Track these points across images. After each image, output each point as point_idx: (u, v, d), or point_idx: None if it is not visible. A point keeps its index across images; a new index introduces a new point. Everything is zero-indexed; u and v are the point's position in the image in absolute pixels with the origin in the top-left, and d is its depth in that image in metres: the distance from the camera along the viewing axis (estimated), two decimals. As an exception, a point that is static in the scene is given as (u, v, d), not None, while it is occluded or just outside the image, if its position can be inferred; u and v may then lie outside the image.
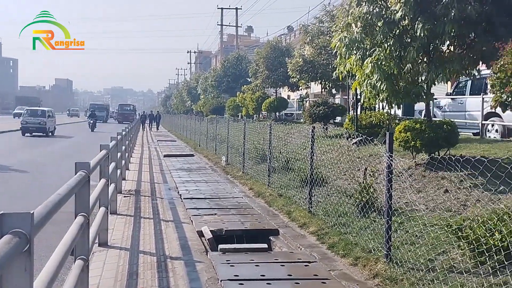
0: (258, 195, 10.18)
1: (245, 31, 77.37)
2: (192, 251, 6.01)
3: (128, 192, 10.23)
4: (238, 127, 15.90)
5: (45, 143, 24.68)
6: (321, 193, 8.47)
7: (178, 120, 43.94)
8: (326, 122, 16.07)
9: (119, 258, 5.68)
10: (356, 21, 8.29)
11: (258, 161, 12.70)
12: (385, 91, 8.09)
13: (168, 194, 10.39)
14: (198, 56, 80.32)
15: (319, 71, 18.32)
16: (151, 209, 8.69)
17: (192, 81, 50.84)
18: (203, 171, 14.57)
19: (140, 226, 7.34)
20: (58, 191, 3.07)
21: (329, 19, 17.81)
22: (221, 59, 39.81)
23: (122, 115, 66.26)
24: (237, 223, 7.66)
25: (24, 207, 4.23)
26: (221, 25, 45.60)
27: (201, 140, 24.00)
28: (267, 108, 24.86)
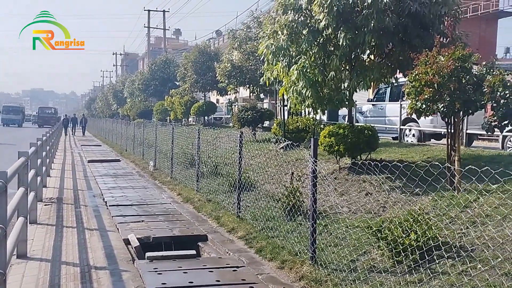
0: (187, 200, 10.12)
1: (173, 34, 76.51)
2: (118, 260, 5.86)
3: (49, 200, 9.79)
4: (166, 132, 15.71)
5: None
6: (250, 198, 8.57)
7: (103, 124, 42.56)
8: (255, 126, 16.29)
9: (40, 270, 5.43)
10: (282, 29, 8.49)
11: (186, 166, 12.61)
12: (310, 98, 8.35)
13: (93, 202, 10.06)
14: (125, 58, 78.40)
15: (247, 76, 18.52)
16: (74, 218, 8.37)
17: (118, 84, 49.53)
18: (129, 177, 14.24)
19: (63, 235, 7.05)
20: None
21: (257, 25, 18.08)
22: (149, 62, 39.10)
23: (43, 119, 63.16)
24: (165, 229, 7.57)
25: None
26: (148, 27, 44.78)
27: (128, 144, 23.44)
28: (196, 112, 24.77)
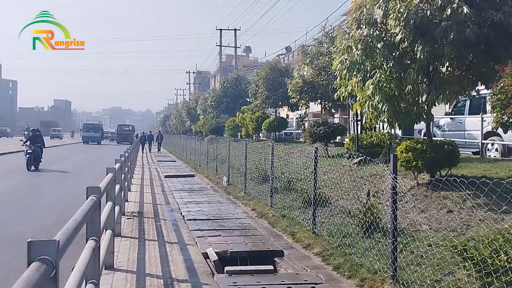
0: (261, 216, 10.22)
1: (244, 51, 77.99)
2: (198, 273, 6.03)
3: (131, 214, 10.25)
4: (239, 147, 15.99)
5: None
6: (325, 214, 8.51)
7: (177, 141, 44.04)
8: (327, 141, 16.18)
9: (126, 281, 5.70)
10: (356, 43, 8.42)
11: (259, 182, 12.75)
12: (387, 112, 8.20)
13: (171, 216, 10.42)
14: (197, 76, 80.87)
15: (319, 91, 18.50)
16: (155, 231, 8.71)
17: (191, 101, 51.10)
18: (204, 192, 14.61)
19: (145, 248, 7.36)
20: (74, 217, 3.13)
21: (328, 40, 18.06)
22: (220, 80, 40.10)
23: (121, 136, 66.26)
24: (241, 244, 7.69)
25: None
26: (219, 46, 46.04)
27: (202, 160, 24.07)
28: (267, 127, 25.01)
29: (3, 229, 8.56)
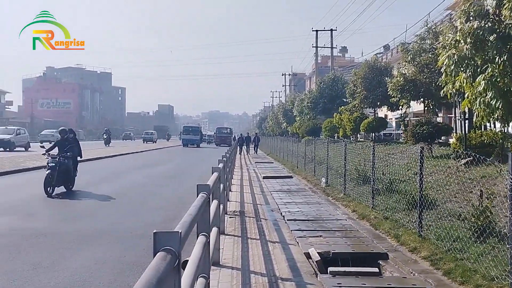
0: (362, 217, 10.00)
1: (340, 51, 76.97)
2: (302, 273, 6.03)
3: (233, 213, 10.53)
4: (338, 148, 15.79)
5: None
6: (431, 216, 8.12)
7: (274, 142, 44.54)
8: (431, 142, 15.45)
9: (232, 277, 5.86)
10: (465, 37, 7.98)
11: (359, 183, 12.48)
12: (500, 109, 7.65)
13: (271, 216, 10.54)
14: (293, 78, 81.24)
15: (421, 89, 17.70)
16: (257, 230, 8.86)
17: (288, 103, 51.43)
18: (303, 193, 14.62)
19: (248, 246, 7.51)
20: (188, 212, 3.28)
21: (431, 35, 17.23)
22: (316, 81, 39.90)
23: (220, 138, 68.44)
24: (343, 245, 7.58)
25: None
26: (316, 47, 45.82)
27: (299, 161, 24.12)
28: (366, 128, 24.44)
29: (119, 225, 9.19)
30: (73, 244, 7.52)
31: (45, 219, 9.57)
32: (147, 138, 72.42)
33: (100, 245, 7.53)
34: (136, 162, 28.34)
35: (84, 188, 15.04)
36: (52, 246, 7.35)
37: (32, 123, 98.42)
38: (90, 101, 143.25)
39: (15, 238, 7.79)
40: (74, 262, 6.47)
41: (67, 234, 8.16)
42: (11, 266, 6.15)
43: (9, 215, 9.87)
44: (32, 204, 11.61)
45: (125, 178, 19.08)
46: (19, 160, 23.34)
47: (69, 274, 5.88)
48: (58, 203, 11.93)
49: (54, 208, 10.99)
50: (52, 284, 5.46)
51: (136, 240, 7.94)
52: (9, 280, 5.54)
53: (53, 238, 7.84)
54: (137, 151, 41.02)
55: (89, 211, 10.76)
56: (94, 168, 23.51)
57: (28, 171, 20.04)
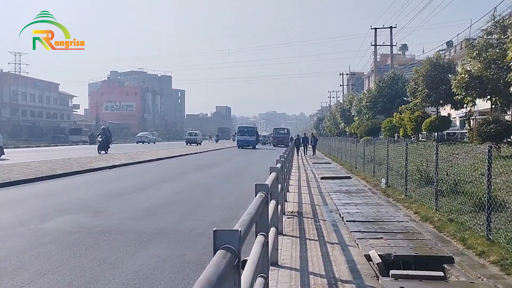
0: (425, 219, 9.65)
1: (399, 49, 74.98)
2: (362, 275, 5.89)
3: (291, 214, 10.48)
4: (398, 148, 15.36)
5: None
6: (500, 219, 7.71)
7: (331, 143, 44.05)
8: (499, 141, 14.70)
9: (291, 278, 5.81)
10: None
11: (422, 184, 12.07)
12: None
13: (330, 216, 10.40)
14: (350, 78, 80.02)
15: (488, 86, 16.89)
16: (315, 231, 8.77)
17: (345, 103, 50.70)
18: (362, 194, 14.33)
19: (307, 247, 7.44)
20: (247, 211, 3.27)
21: (499, 30, 16.40)
22: (375, 80, 39.03)
23: (277, 139, 68.53)
24: (405, 248, 7.34)
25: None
26: (374, 45, 44.81)
27: (357, 162, 23.69)
28: (428, 127, 23.63)
29: (179, 224, 9.38)
30: (136, 241, 7.75)
31: (109, 217, 9.92)
32: (191, 140, 65.46)
33: (162, 243, 7.71)
34: (194, 163, 28.93)
35: (147, 188, 15.52)
36: (116, 243, 7.61)
37: (98, 126, 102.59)
38: (151, 103, 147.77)
39: (82, 235, 8.12)
40: (137, 259, 6.66)
41: (130, 232, 8.42)
42: (79, 262, 6.41)
43: (76, 213, 10.32)
44: (98, 202, 12.08)
45: (185, 178, 19.50)
46: (86, 161, 24.41)
47: (132, 270, 6.06)
48: (122, 202, 12.35)
49: (118, 207, 11.38)
50: (117, 280, 5.64)
51: (195, 239, 8.07)
52: (77, 276, 5.78)
53: (118, 236, 8.11)
54: (197, 152, 41.91)
55: (151, 210, 11.05)
56: (156, 167, 24.23)
57: (94, 172, 20.94)
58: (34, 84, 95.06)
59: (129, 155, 32.22)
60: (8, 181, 15.40)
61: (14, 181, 15.65)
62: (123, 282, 5.58)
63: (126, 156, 30.34)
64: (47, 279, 5.63)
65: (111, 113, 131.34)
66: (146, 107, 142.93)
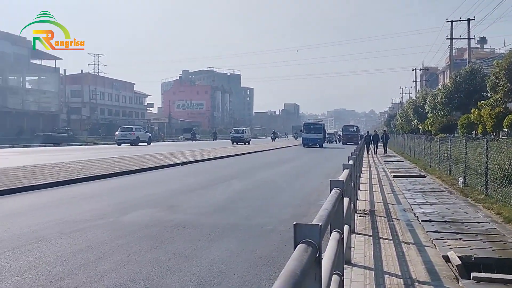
0: (509, 221, 9.08)
1: (477, 42, 71.28)
2: (441, 276, 5.64)
3: (362, 212, 10.25)
4: (477, 146, 14.59)
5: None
6: None
7: (403, 140, 42.69)
8: None
9: (365, 277, 5.68)
10: None
11: (504, 183, 11.37)
12: None
13: (404, 216, 10.06)
14: (424, 73, 77.18)
15: None
16: (389, 230, 8.52)
17: (418, 99, 48.95)
18: (437, 193, 13.75)
19: (380, 246, 7.24)
20: (324, 206, 3.21)
21: None
22: (451, 75, 37.33)
23: (346, 136, 67.49)
24: (486, 250, 6.94)
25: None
26: (450, 38, 42.90)
27: (432, 160, 22.79)
28: (510, 124, 22.28)
29: (250, 220, 9.46)
30: (209, 236, 7.90)
31: (183, 212, 10.19)
32: (237, 138, 56.63)
33: (234, 238, 7.81)
34: (262, 160, 29.17)
35: (217, 184, 15.82)
36: (190, 237, 7.80)
37: (170, 124, 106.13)
38: (220, 101, 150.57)
39: (157, 228, 8.40)
40: (211, 253, 6.78)
41: (203, 227, 8.60)
42: (155, 254, 6.63)
43: (152, 208, 10.69)
44: (171, 197, 12.46)
45: (253, 175, 19.68)
46: (160, 158, 25.27)
47: (206, 264, 6.18)
48: (194, 197, 12.66)
49: (190, 202, 11.67)
50: (192, 273, 5.77)
51: (266, 235, 8.10)
52: (154, 268, 5.97)
53: (191, 230, 8.31)
54: (265, 149, 42.21)
55: (222, 206, 11.24)
56: (226, 164, 24.66)
57: (168, 168, 21.65)
58: (112, 84, 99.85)
59: (200, 152, 32.99)
60: (89, 176, 16.26)
61: (93, 176, 16.49)
62: (197, 275, 5.70)
63: (197, 153, 31.10)
64: (126, 269, 5.87)
65: (182, 111, 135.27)
66: (216, 105, 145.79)
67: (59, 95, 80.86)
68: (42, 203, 11.45)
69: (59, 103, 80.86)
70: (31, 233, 7.83)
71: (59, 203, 11.53)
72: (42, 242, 7.20)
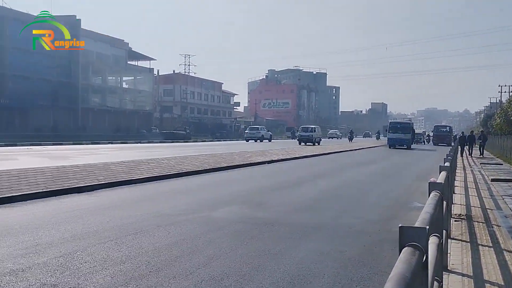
0: None
1: None
2: (549, 289, 5.22)
3: (458, 216, 9.74)
4: None
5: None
6: None
7: (503, 142, 39.94)
8: None
9: (463, 284, 5.39)
10: None
11: None
12: None
13: (505, 222, 9.40)
14: (526, 70, 71.61)
15: None
16: (488, 237, 8.01)
17: (521, 98, 45.51)
18: (543, 199, 12.70)
19: (479, 253, 6.83)
20: (425, 209, 3.10)
21: None
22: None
23: (438, 137, 64.60)
24: None
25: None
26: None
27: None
28: None
29: (337, 220, 9.36)
30: (297, 234, 7.91)
31: (270, 210, 10.30)
32: (304, 138, 51.48)
33: (321, 238, 7.76)
34: (348, 160, 28.72)
35: (302, 183, 15.82)
36: (278, 235, 7.86)
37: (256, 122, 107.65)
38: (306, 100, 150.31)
39: (246, 225, 8.55)
40: (299, 252, 6.79)
41: (290, 225, 8.63)
42: (245, 250, 6.76)
43: (240, 204, 10.91)
44: (258, 195, 12.64)
45: (340, 175, 19.45)
46: (247, 156, 25.74)
47: (295, 262, 6.20)
48: (280, 195, 12.74)
49: (277, 200, 11.76)
50: (281, 270, 5.82)
51: (355, 236, 7.96)
52: (245, 263, 6.09)
53: (279, 228, 8.37)
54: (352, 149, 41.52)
55: (308, 205, 11.21)
56: (311, 163, 24.58)
57: (254, 166, 22.00)
58: (201, 84, 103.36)
59: (286, 150, 33.17)
60: (181, 172, 16.94)
61: (185, 172, 17.15)
62: (287, 273, 5.74)
63: (283, 152, 31.29)
64: (218, 263, 6.04)
65: (268, 110, 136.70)
66: (301, 104, 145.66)
67: (153, 95, 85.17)
68: (139, 196, 12.11)
69: (152, 102, 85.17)
70: (130, 224, 8.31)
71: (154, 197, 12.13)
72: (140, 233, 7.62)
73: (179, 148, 37.16)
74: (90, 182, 13.06)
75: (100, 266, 5.78)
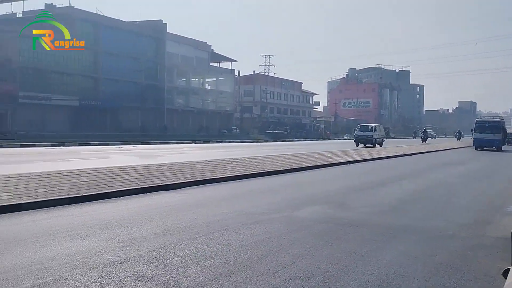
0: None
1: None
2: None
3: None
4: None
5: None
6: None
7: None
8: None
9: None
10: None
11: None
12: None
13: None
14: None
15: None
16: None
17: None
18: None
19: None
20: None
21: None
22: None
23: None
24: None
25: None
26: None
27: None
28: None
29: (424, 223, 9.05)
30: (382, 236, 7.74)
31: (353, 210, 10.16)
32: (361, 138, 44.25)
33: (408, 241, 7.53)
34: (434, 161, 27.60)
35: (386, 184, 15.43)
36: (363, 236, 7.74)
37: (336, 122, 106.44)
38: (388, 99, 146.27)
39: (330, 225, 8.51)
40: (386, 254, 6.65)
41: (375, 226, 8.46)
42: (330, 251, 6.73)
43: (322, 204, 10.86)
44: (341, 195, 12.50)
45: (426, 176, 18.76)
46: (327, 156, 25.53)
47: (383, 265, 6.08)
48: (363, 196, 12.51)
49: (360, 201, 11.56)
50: (369, 273, 5.73)
51: (445, 240, 7.65)
52: (331, 264, 6.07)
53: (363, 229, 8.24)
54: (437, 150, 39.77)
55: (392, 206, 10.92)
56: (395, 164, 23.91)
57: (335, 166, 21.78)
58: (281, 84, 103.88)
59: (367, 151, 32.48)
60: (262, 172, 17.16)
61: (266, 171, 17.35)
62: (375, 275, 5.64)
63: (365, 152, 30.68)
64: (304, 263, 6.07)
65: (348, 110, 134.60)
66: (383, 103, 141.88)
67: (233, 95, 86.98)
68: (222, 195, 12.42)
69: (233, 102, 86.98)
70: (216, 222, 8.57)
71: (238, 195, 12.39)
72: (227, 231, 7.83)
73: (257, 147, 37.64)
74: (177, 180, 13.60)
75: (191, 261, 6.03)
